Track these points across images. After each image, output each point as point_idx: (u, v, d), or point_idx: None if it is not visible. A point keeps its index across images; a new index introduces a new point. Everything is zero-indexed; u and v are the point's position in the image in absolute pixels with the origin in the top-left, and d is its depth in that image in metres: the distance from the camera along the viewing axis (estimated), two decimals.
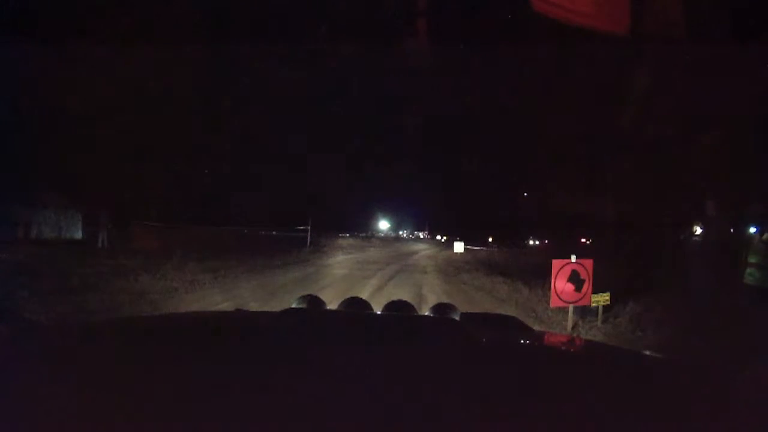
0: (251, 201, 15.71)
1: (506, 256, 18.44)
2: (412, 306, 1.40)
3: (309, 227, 18.64)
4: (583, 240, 20.32)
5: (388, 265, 13.60)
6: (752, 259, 4.80)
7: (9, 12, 5.95)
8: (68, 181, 11.59)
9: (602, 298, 4.60)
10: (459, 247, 20.45)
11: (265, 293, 6.83)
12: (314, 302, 1.35)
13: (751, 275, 4.76)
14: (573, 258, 4.38)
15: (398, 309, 1.36)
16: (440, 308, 1.35)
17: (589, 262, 4.40)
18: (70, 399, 0.66)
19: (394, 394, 0.69)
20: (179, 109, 10.84)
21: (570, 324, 4.51)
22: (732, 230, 7.26)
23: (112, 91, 9.55)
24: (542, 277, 7.56)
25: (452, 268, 13.24)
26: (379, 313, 1.36)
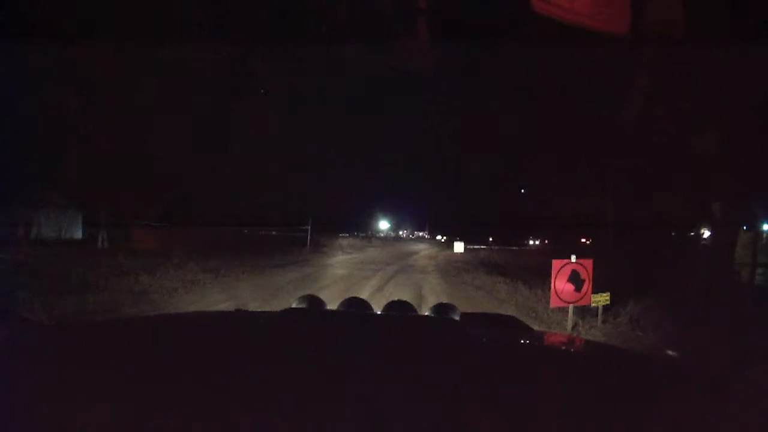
0: (251, 201, 15.68)
1: (506, 256, 18.42)
2: (412, 306, 1.40)
3: (309, 227, 18.60)
4: (583, 240, 20.24)
5: (388, 265, 13.56)
6: (763, 259, 4.76)
7: (8, 11, 5.94)
8: (68, 181, 11.59)
9: (602, 298, 4.60)
10: (459, 247, 20.43)
11: (266, 293, 6.83)
12: (314, 302, 1.35)
13: (763, 275, 4.72)
14: (573, 258, 4.38)
15: (398, 309, 1.36)
16: (440, 308, 1.35)
17: (589, 262, 4.40)
18: (70, 399, 0.66)
19: (394, 394, 0.69)
20: (179, 109, 10.84)
21: (570, 324, 4.51)
22: (746, 228, 7.18)
23: (113, 90, 9.54)
24: (542, 276, 7.53)
25: (452, 268, 13.22)
26: (379, 313, 1.36)
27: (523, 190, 16.15)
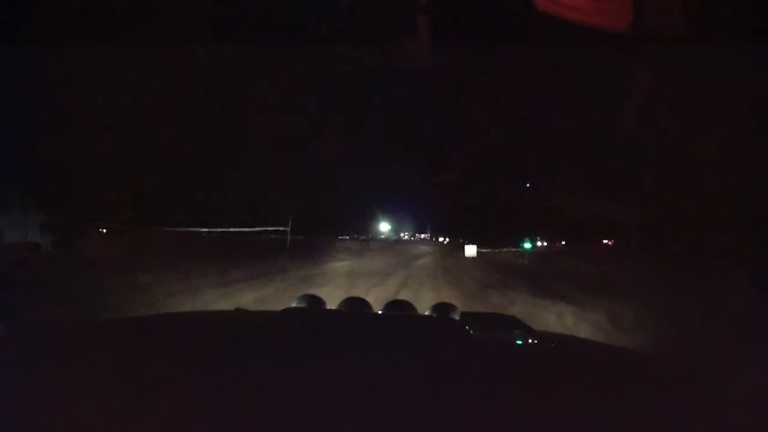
0: (243, 203, 15.62)
1: (530, 261, 16.97)
2: (412, 306, 1.57)
3: (289, 228, 16.78)
4: (605, 241, 19.40)
5: (388, 276, 11.92)
6: None
7: None
8: (29, 182, 11.60)
9: None
10: (471, 250, 19.14)
11: None
12: (314, 302, 1.51)
13: None
14: None
15: (398, 309, 1.54)
16: (440, 308, 1.51)
17: None
18: (69, 399, 0.74)
19: (394, 393, 0.78)
20: (165, 109, 10.89)
21: None
22: None
23: (72, 87, 9.61)
24: (609, 293, 6.06)
25: (471, 281, 11.27)
26: (379, 313, 1.52)
27: (528, 185, 16.08)
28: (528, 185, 16.03)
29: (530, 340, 1.38)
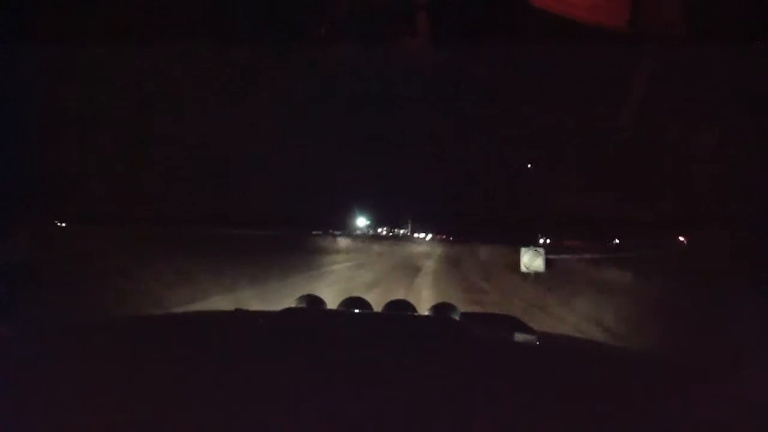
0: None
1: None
2: (412, 306, 1.63)
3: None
4: (681, 238, 15.21)
5: None
6: None
7: None
8: None
9: None
10: (534, 258, 10.84)
11: None
12: (314, 302, 1.55)
13: None
14: None
15: (398, 309, 1.59)
16: (440, 308, 1.56)
17: None
18: (69, 399, 0.75)
19: (394, 393, 0.80)
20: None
21: None
22: None
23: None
24: None
25: None
26: (379, 312, 1.57)
27: (529, 165, 15.19)
28: (530, 166, 14.90)
29: (530, 340, 1.38)
